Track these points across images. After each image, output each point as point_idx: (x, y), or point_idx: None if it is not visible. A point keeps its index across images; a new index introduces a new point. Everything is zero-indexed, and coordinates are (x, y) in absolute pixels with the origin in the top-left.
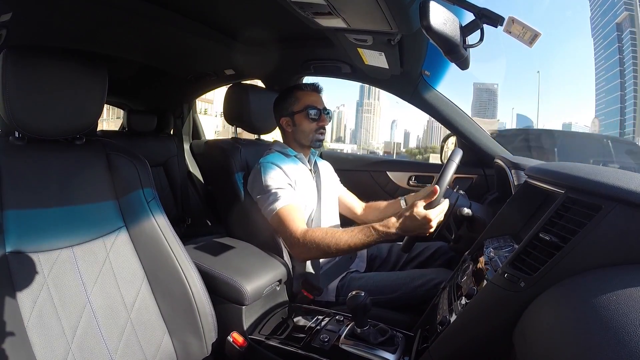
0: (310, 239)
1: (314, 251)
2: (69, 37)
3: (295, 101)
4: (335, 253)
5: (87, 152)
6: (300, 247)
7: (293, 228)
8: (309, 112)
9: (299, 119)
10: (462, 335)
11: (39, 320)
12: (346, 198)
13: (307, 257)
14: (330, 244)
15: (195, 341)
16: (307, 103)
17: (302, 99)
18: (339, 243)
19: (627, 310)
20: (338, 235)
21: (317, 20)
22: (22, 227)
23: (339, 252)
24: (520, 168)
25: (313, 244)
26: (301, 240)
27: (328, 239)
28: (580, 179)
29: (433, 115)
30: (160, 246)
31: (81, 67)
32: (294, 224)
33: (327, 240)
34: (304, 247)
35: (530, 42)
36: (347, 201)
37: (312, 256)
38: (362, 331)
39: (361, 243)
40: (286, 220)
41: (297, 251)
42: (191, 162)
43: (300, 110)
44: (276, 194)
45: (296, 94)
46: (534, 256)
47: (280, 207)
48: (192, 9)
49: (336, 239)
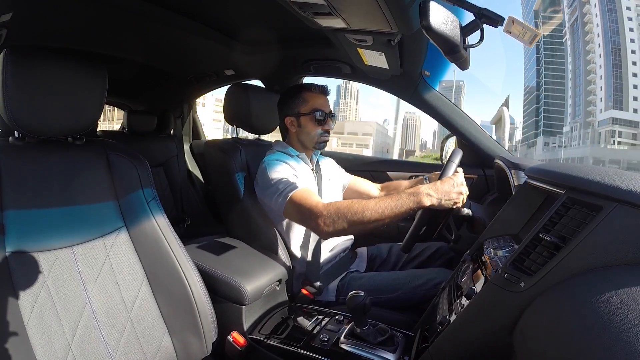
0: (334, 208)
1: (340, 221)
2: (69, 37)
3: (303, 102)
4: (361, 222)
5: (87, 152)
6: (324, 218)
7: (313, 203)
8: (315, 115)
9: (304, 121)
10: (462, 335)
11: (39, 320)
12: (359, 184)
13: (332, 230)
14: (357, 210)
15: (195, 341)
16: (314, 106)
17: (310, 101)
18: (366, 209)
19: (627, 310)
20: (364, 202)
21: (317, 20)
22: (22, 227)
23: (367, 221)
24: (520, 168)
25: (337, 212)
26: (324, 211)
27: (354, 205)
28: (580, 179)
29: (433, 116)
30: (160, 246)
31: (81, 67)
32: (313, 199)
33: (354, 207)
34: (329, 217)
35: (530, 42)
36: (360, 187)
37: (337, 229)
38: (362, 331)
39: (391, 209)
40: (303, 201)
41: (321, 224)
42: (191, 162)
43: (307, 113)
44: (286, 183)
45: (304, 95)
46: (534, 256)
47: (294, 191)
48: (193, 9)
49: (362, 205)
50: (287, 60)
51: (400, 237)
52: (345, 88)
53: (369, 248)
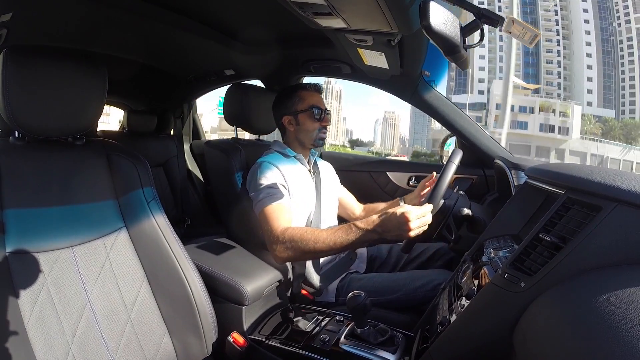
0: (289, 236)
1: (292, 250)
2: (69, 37)
3: (300, 100)
4: (313, 252)
5: (87, 152)
6: (278, 244)
7: (275, 225)
8: (313, 111)
9: (302, 118)
10: (462, 336)
11: (39, 320)
12: (345, 200)
13: (285, 256)
14: (309, 242)
15: (196, 341)
16: (311, 103)
17: (307, 99)
18: (317, 241)
19: (627, 310)
20: (317, 233)
21: (317, 20)
22: (22, 226)
23: (318, 251)
24: (520, 168)
25: (291, 241)
26: (280, 237)
27: (307, 236)
28: (580, 180)
29: (433, 116)
30: (160, 246)
31: (81, 67)
32: (277, 222)
33: (306, 237)
34: (282, 244)
35: (530, 42)
36: (346, 203)
37: (290, 256)
38: (362, 331)
39: (341, 242)
40: (270, 218)
41: (275, 250)
42: (191, 162)
43: (304, 110)
44: (267, 193)
45: (300, 94)
46: (534, 256)
47: (268, 205)
48: (193, 8)
49: (315, 236)
50: (287, 60)
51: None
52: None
53: (368, 249)
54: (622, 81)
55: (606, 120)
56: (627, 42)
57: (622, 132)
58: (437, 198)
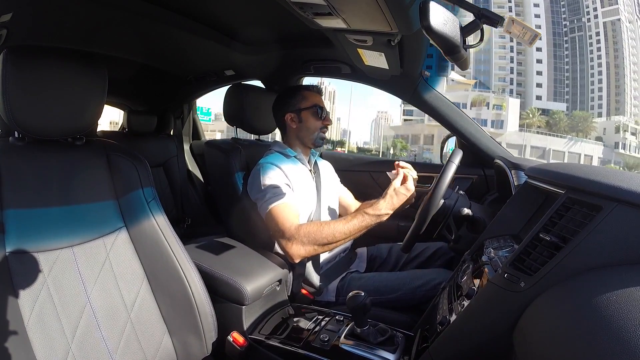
0: (304, 232)
1: (310, 244)
2: (69, 37)
3: (303, 99)
4: (331, 243)
5: (87, 152)
6: (294, 242)
7: (286, 224)
8: (317, 110)
9: (305, 116)
10: (462, 335)
11: (39, 320)
12: (344, 198)
13: (303, 253)
14: (327, 234)
15: (196, 341)
16: (314, 102)
17: (310, 98)
18: (335, 232)
19: (627, 310)
20: (334, 225)
21: (317, 20)
22: (22, 226)
23: (335, 242)
24: (520, 168)
25: (309, 236)
26: (295, 235)
27: (325, 229)
28: (580, 179)
29: (433, 116)
30: (160, 246)
31: (81, 67)
32: (288, 221)
33: (324, 231)
34: (299, 242)
35: (530, 42)
36: (344, 202)
37: (308, 252)
38: (362, 331)
39: (356, 229)
40: (279, 217)
41: (292, 248)
42: (191, 162)
43: (308, 107)
44: (272, 193)
45: (303, 93)
46: (534, 256)
47: (274, 204)
48: (193, 9)
49: (332, 228)
50: (287, 61)
51: (400, 237)
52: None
53: (369, 248)
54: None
55: (554, 113)
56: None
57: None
58: (437, 198)
